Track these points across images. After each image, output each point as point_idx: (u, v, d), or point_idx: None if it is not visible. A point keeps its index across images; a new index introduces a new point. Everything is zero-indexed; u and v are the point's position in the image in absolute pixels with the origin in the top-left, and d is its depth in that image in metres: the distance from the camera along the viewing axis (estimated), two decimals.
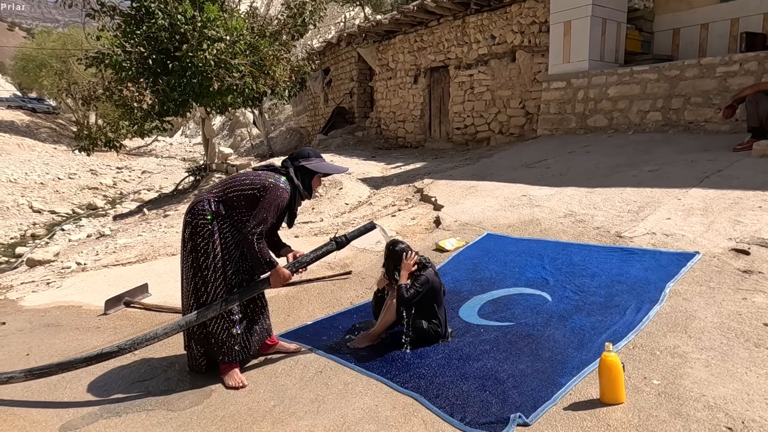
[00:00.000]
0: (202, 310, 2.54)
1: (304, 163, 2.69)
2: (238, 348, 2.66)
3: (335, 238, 2.77)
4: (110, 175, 23.50)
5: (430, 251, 4.40)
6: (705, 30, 8.07)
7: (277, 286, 2.63)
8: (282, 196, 2.54)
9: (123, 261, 5.97)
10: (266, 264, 2.55)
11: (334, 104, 16.33)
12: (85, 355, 2.51)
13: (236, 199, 2.59)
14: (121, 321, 3.81)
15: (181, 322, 2.54)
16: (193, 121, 35.82)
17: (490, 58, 10.15)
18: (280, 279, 2.58)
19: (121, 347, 2.53)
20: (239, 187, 2.59)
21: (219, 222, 2.58)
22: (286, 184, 2.59)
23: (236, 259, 2.64)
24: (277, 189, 2.53)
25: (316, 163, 2.71)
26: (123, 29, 10.93)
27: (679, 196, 4.28)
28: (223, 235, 2.59)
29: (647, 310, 2.80)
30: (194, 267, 2.61)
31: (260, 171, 2.68)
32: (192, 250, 2.60)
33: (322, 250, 2.74)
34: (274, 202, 2.51)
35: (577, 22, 7.70)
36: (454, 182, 6.55)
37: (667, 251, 3.45)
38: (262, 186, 2.55)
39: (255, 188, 2.56)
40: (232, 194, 2.59)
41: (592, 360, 2.43)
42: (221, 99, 11.26)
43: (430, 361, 2.64)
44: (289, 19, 13.07)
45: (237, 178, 2.66)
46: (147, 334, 2.56)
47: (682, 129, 6.53)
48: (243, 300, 2.65)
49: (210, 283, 2.59)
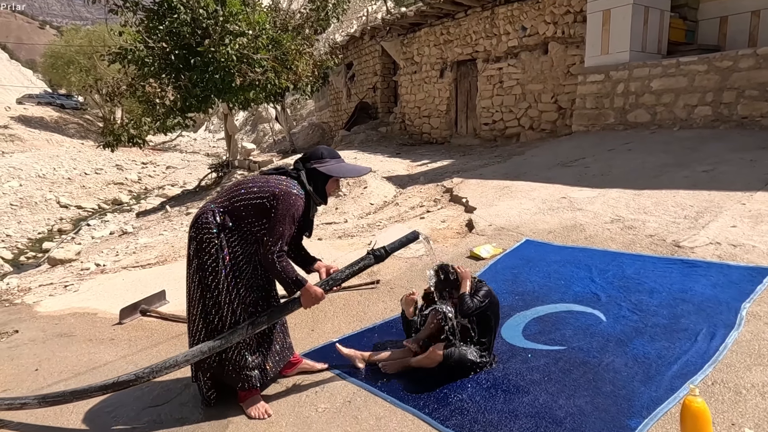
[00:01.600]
0: (227, 335, 2.25)
1: (317, 165, 2.37)
2: (256, 373, 2.39)
3: (373, 251, 2.44)
4: (135, 171, 23.74)
5: (463, 259, 4.08)
6: (756, 17, 7.50)
7: (309, 306, 2.30)
8: (296, 204, 2.24)
9: (143, 262, 5.81)
10: (294, 283, 2.25)
11: (357, 99, 16.05)
12: (101, 384, 2.26)
13: (243, 209, 2.27)
14: (137, 332, 3.60)
15: (204, 348, 2.26)
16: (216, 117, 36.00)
17: (520, 50, 9.71)
18: (312, 298, 2.27)
19: (139, 376, 2.27)
20: (246, 196, 2.28)
21: (226, 235, 2.28)
22: (298, 188, 2.29)
23: (248, 275, 2.36)
24: (289, 197, 2.23)
25: (331, 166, 2.38)
26: (145, 25, 10.84)
27: (742, 200, 3.86)
28: (233, 250, 2.30)
29: (723, 337, 2.43)
30: (201, 287, 2.32)
31: (269, 176, 2.37)
32: (198, 269, 2.31)
33: (359, 265, 2.41)
34: (289, 212, 2.21)
35: (617, 11, 7.23)
36: (485, 182, 6.20)
37: (737, 265, 3.06)
38: (272, 194, 2.24)
39: (264, 197, 2.25)
40: (239, 204, 2.28)
41: (663, 398, 2.09)
42: (243, 94, 11.10)
43: (473, 392, 2.33)
44: (312, 13, 12.83)
45: (243, 185, 2.34)
46: (167, 362, 2.29)
47: (735, 125, 6.04)
48: (272, 322, 2.37)
49: (223, 305, 2.30)
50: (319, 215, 6.58)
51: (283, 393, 2.50)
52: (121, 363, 3.03)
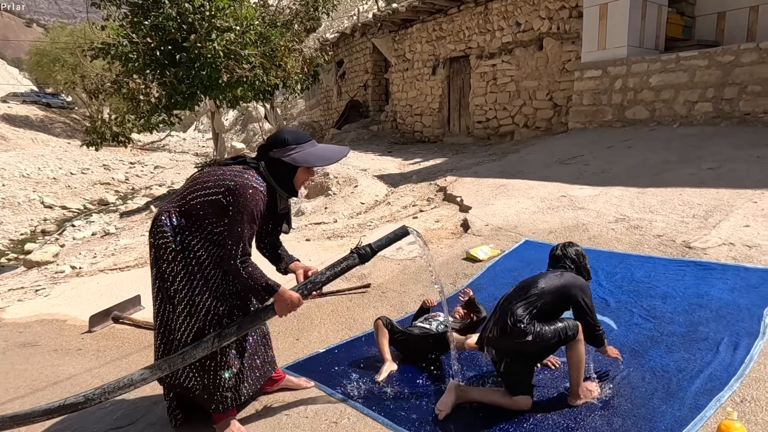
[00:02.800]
0: (189, 349, 1.95)
1: (279, 154, 1.99)
2: (232, 394, 2.10)
3: (357, 249, 2.13)
4: (122, 171, 23.30)
5: (459, 260, 3.84)
6: (755, 13, 7.35)
7: (284, 314, 1.98)
8: (254, 199, 1.89)
9: (121, 264, 5.51)
10: (264, 290, 1.93)
11: (347, 97, 15.78)
12: (45, 407, 1.97)
13: (200, 207, 1.97)
14: (107, 341, 3.32)
15: (162, 365, 1.97)
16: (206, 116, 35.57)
17: (514, 46, 9.50)
18: (288, 305, 1.97)
19: (89, 398, 1.96)
20: (201, 192, 1.97)
21: (185, 238, 1.99)
22: (258, 180, 1.95)
23: (217, 282, 2.04)
24: (245, 190, 1.88)
25: (296, 154, 1.99)
26: (129, 19, 10.50)
27: (754, 198, 3.66)
28: (195, 254, 2.00)
29: (748, 347, 2.21)
30: (161, 298, 2.04)
31: (225, 167, 2.02)
32: (157, 278, 2.03)
33: (342, 265, 2.09)
34: (246, 209, 1.88)
35: (615, 5, 7.04)
36: (480, 180, 5.97)
37: (755, 267, 2.85)
38: (227, 189, 1.90)
39: (219, 191, 1.92)
40: (194, 201, 1.98)
41: (689, 418, 1.86)
42: (231, 92, 10.79)
43: (471, 409, 2.08)
44: (302, 8, 12.54)
45: (198, 180, 2.03)
46: (120, 381, 1.99)
47: (737, 121, 5.86)
48: (242, 333, 2.05)
49: (187, 317, 2.00)
50: (307, 215, 6.32)
51: (261, 413, 2.24)
52: (85, 377, 2.76)
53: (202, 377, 2.07)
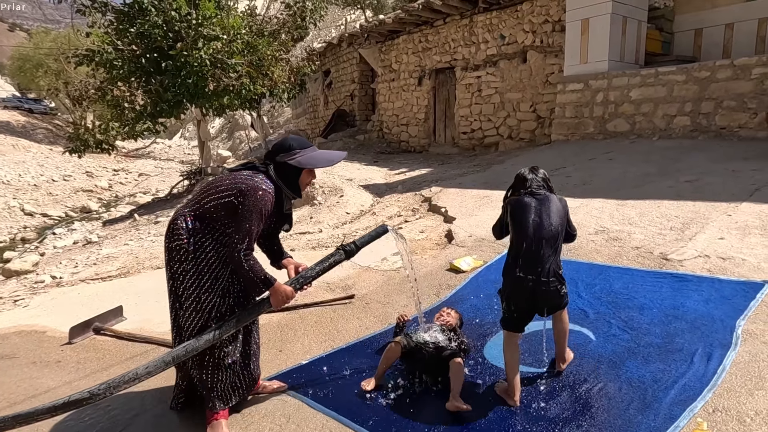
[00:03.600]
0: (192, 342, 2.07)
1: (286, 158, 2.19)
2: (231, 390, 2.25)
3: (343, 246, 2.34)
4: (106, 178, 23.02)
5: (443, 271, 3.88)
6: (730, 30, 7.59)
7: (278, 306, 2.19)
8: (263, 200, 2.08)
9: (103, 274, 5.45)
10: (262, 282, 2.10)
11: (334, 107, 15.84)
12: (50, 405, 1.96)
13: (214, 210, 2.14)
14: (88, 353, 3.28)
15: (167, 358, 2.06)
16: (192, 124, 35.36)
17: (499, 58, 9.65)
18: (282, 298, 2.15)
19: (94, 393, 1.98)
20: (215, 195, 2.14)
21: (198, 239, 2.15)
22: (267, 183, 2.13)
23: (224, 280, 2.21)
24: (256, 192, 2.07)
25: (301, 157, 2.20)
26: (115, 26, 10.46)
27: (728, 211, 3.76)
28: (206, 255, 2.16)
29: (721, 358, 2.27)
30: (173, 297, 2.21)
31: (237, 173, 2.21)
32: (170, 278, 2.19)
33: (329, 261, 2.31)
34: (255, 208, 2.06)
35: (596, 20, 7.20)
36: (465, 191, 6.04)
37: (729, 279, 2.93)
38: (239, 191, 2.09)
39: (231, 194, 2.10)
40: (209, 204, 2.15)
41: (663, 428, 1.91)
42: (217, 100, 10.76)
43: (456, 421, 2.11)
44: (289, 18, 12.60)
45: (212, 185, 2.20)
46: (125, 375, 2.02)
47: (713, 135, 6.02)
48: (242, 325, 2.20)
49: (193, 313, 2.17)
50: (293, 225, 6.31)
51: (245, 421, 2.24)
52: (65, 389, 2.72)
53: (202, 373, 2.20)
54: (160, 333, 3.51)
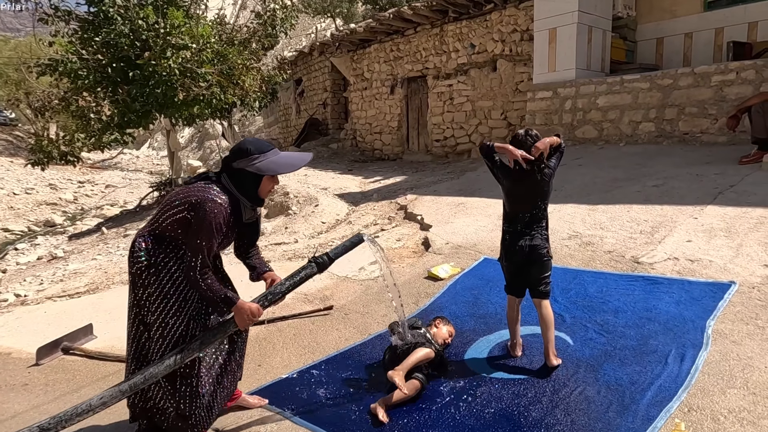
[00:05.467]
0: (151, 368, 1.95)
1: (243, 165, 2.03)
2: (204, 416, 2.13)
3: (315, 258, 2.20)
4: (71, 190, 22.31)
5: (421, 279, 3.89)
6: (689, 39, 7.87)
7: (245, 326, 2.07)
8: (213, 212, 1.94)
9: (70, 291, 5.27)
10: (223, 301, 2.00)
11: (307, 115, 15.78)
12: None
13: (170, 227, 2.04)
14: (56, 374, 3.16)
15: (124, 387, 1.94)
16: (160, 134, 34.67)
17: (469, 67, 9.79)
18: (247, 317, 2.02)
19: (43, 428, 1.90)
20: (170, 212, 2.03)
21: (161, 260, 2.04)
22: (219, 194, 1.99)
23: (194, 301, 2.11)
24: (204, 204, 1.95)
25: (260, 163, 2.03)
26: (79, 35, 10.19)
27: (694, 214, 3.89)
28: (170, 275, 2.05)
29: (693, 358, 2.34)
30: (137, 324, 2.08)
31: (190, 185, 2.08)
32: (135, 304, 2.07)
33: (300, 274, 2.17)
34: (205, 222, 1.94)
35: (563, 30, 7.39)
36: (440, 198, 6.08)
37: (698, 281, 3.02)
38: (189, 204, 1.98)
39: (183, 208, 1.99)
40: (166, 222, 2.05)
41: (641, 430, 1.96)
42: (187, 110, 10.58)
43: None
44: (259, 27, 12.52)
45: (167, 200, 2.08)
46: (78, 407, 1.93)
47: (677, 140, 6.23)
48: (206, 348, 2.07)
49: (159, 339, 2.05)
50: (267, 235, 6.24)
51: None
52: (32, 414, 2.61)
53: (177, 401, 2.07)
54: None
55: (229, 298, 2.00)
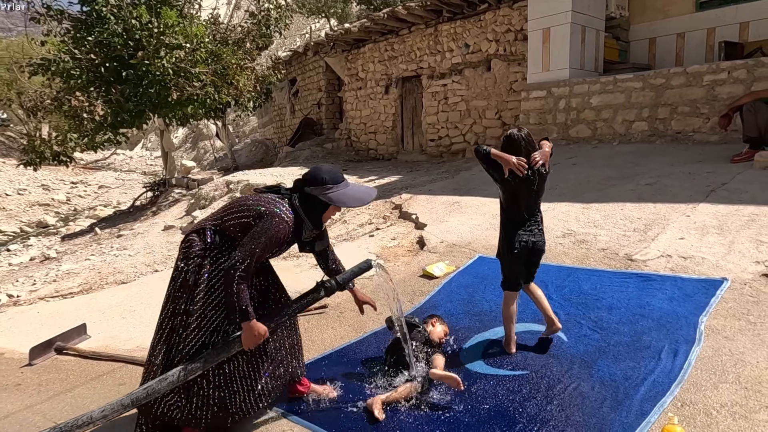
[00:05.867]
0: (154, 383, 1.96)
1: (316, 192, 2.14)
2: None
3: (323, 282, 2.28)
4: (63, 191, 22.18)
5: (416, 278, 3.90)
6: (681, 39, 7.93)
7: (249, 346, 2.07)
8: (277, 227, 2.05)
9: (63, 292, 5.25)
10: (240, 312, 2.00)
11: (301, 115, 15.75)
12: None
13: (233, 228, 2.14)
14: (50, 374, 3.15)
15: (126, 400, 1.93)
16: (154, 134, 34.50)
17: (464, 67, 9.81)
18: (254, 337, 2.04)
19: None
20: (236, 214, 2.14)
21: (215, 255, 2.15)
22: (287, 212, 2.11)
23: None
24: (272, 218, 2.05)
25: (332, 194, 2.14)
26: (72, 35, 10.14)
27: (687, 212, 3.92)
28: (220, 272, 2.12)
29: (686, 354, 2.36)
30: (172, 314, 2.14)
31: (261, 194, 2.21)
32: (178, 291, 2.13)
33: (308, 298, 2.27)
34: (266, 233, 2.03)
35: (557, 29, 7.42)
36: (434, 197, 6.09)
37: (690, 277, 3.04)
38: (258, 213, 2.08)
39: (250, 215, 2.10)
40: (229, 222, 2.15)
41: (635, 425, 1.97)
42: (181, 110, 10.56)
43: (435, 427, 2.11)
44: (253, 27, 12.50)
45: (236, 203, 2.20)
46: (79, 419, 1.90)
47: (670, 139, 6.27)
48: (209, 366, 2.07)
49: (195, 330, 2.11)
50: None
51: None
52: (25, 414, 2.60)
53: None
54: (127, 350, 3.40)
55: (247, 312, 2.01)
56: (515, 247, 2.56)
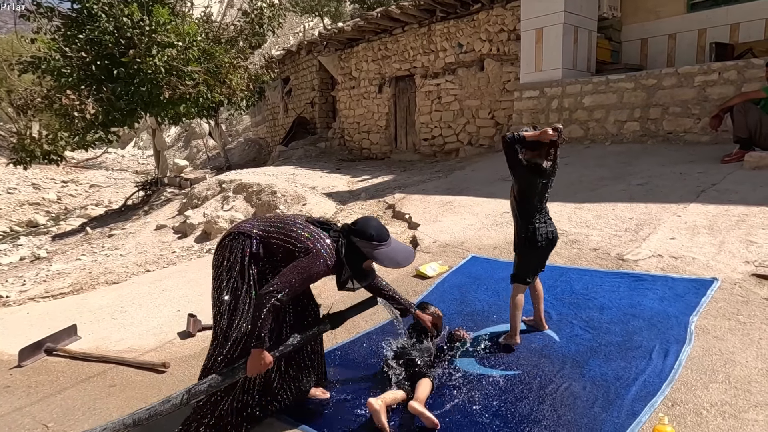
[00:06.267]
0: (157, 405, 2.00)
1: (361, 244, 2.20)
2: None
3: (329, 315, 2.37)
4: (54, 190, 21.98)
5: (409, 278, 3.90)
6: (673, 40, 7.98)
7: (253, 373, 2.08)
8: (318, 268, 2.10)
9: (54, 292, 5.20)
10: (257, 338, 2.02)
11: (294, 114, 15.71)
12: None
13: (276, 248, 2.22)
14: (39, 376, 3.12)
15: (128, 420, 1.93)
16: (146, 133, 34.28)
17: (457, 66, 9.82)
18: (260, 365, 2.06)
19: None
20: (283, 237, 2.20)
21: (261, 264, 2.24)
22: (331, 254, 2.16)
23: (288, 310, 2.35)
24: (318, 258, 2.11)
25: (374, 251, 2.20)
26: (62, 32, 10.04)
27: (678, 212, 3.94)
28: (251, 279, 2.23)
29: (677, 353, 2.37)
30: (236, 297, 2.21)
31: (313, 227, 2.25)
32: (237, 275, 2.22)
33: (314, 330, 2.34)
34: (308, 270, 2.08)
35: (549, 30, 7.44)
36: (428, 197, 6.09)
37: (681, 277, 3.06)
38: (304, 248, 2.14)
39: (296, 247, 2.16)
40: (275, 240, 2.22)
41: (626, 425, 1.98)
42: (173, 108, 10.49)
43: None
44: (246, 25, 12.45)
45: (285, 225, 2.25)
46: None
47: (661, 139, 6.31)
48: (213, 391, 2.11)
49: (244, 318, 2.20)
50: None
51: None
52: (14, 416, 2.58)
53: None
54: (118, 352, 3.38)
55: (262, 338, 2.02)
56: (539, 241, 2.63)
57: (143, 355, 3.28)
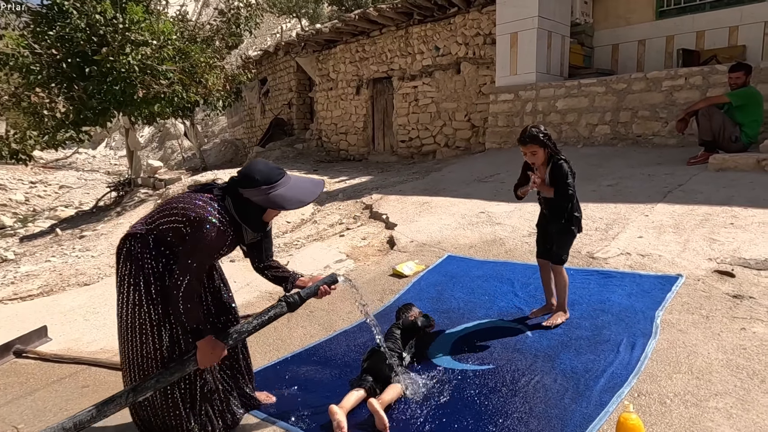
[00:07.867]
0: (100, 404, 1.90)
1: (249, 195, 1.92)
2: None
3: (286, 297, 2.19)
4: (22, 191, 21.34)
5: (386, 277, 3.94)
6: (642, 46, 8.23)
7: (205, 365, 1.95)
8: (210, 235, 1.84)
9: (22, 294, 5.07)
10: (192, 332, 1.90)
11: (272, 115, 15.62)
12: None
13: (167, 232, 1.95)
14: (8, 378, 3.05)
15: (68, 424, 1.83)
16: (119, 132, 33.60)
17: (434, 69, 9.92)
18: (210, 355, 1.93)
19: None
20: (168, 216, 1.95)
21: (152, 260, 1.97)
22: (220, 217, 1.89)
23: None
24: (202, 226, 1.85)
25: (266, 195, 1.91)
26: (32, 29, 9.79)
27: (645, 212, 4.08)
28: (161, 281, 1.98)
29: (643, 346, 2.46)
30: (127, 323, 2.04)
31: (193, 194, 1.99)
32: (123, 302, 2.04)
33: (270, 314, 2.15)
34: (200, 244, 1.85)
35: (524, 34, 7.60)
36: (405, 198, 6.15)
37: (648, 274, 3.18)
38: (188, 219, 1.89)
39: (180, 221, 1.91)
40: (163, 225, 1.96)
41: (594, 414, 2.05)
42: (147, 108, 10.31)
43: (409, 417, 2.15)
44: (223, 25, 12.33)
45: (169, 203, 2.00)
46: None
47: (631, 142, 6.50)
48: (161, 386, 1.97)
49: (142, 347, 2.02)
50: None
51: None
52: None
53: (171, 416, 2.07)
54: (91, 353, 3.33)
55: (199, 330, 1.89)
56: (581, 226, 2.90)
57: (116, 355, 3.23)
